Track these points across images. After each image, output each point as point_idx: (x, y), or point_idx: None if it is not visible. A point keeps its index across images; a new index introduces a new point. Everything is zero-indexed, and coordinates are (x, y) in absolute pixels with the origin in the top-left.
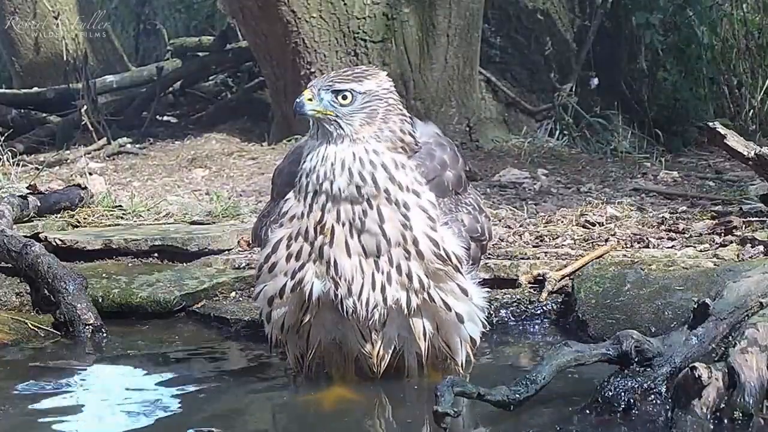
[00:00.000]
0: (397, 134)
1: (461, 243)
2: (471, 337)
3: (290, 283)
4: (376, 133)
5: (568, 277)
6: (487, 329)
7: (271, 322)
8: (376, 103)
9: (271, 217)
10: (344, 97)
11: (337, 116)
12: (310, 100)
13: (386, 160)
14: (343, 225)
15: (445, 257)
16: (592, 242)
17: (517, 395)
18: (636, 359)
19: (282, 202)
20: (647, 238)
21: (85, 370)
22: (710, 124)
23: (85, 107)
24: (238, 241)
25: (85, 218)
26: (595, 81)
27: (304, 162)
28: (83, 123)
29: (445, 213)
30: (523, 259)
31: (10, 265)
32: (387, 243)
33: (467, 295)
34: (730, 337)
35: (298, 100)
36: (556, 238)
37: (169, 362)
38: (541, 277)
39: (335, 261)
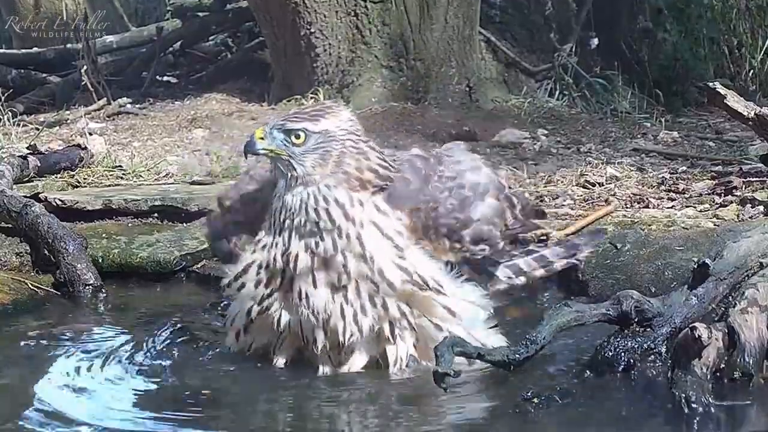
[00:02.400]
0: (353, 174)
1: (437, 264)
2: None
3: (256, 308)
4: (330, 175)
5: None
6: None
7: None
8: (331, 145)
9: (236, 235)
10: (297, 137)
11: (289, 156)
12: (262, 138)
13: (340, 196)
14: (311, 255)
15: (422, 283)
16: (591, 202)
17: (517, 355)
18: (636, 319)
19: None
20: (647, 199)
21: (85, 330)
22: (710, 84)
23: (85, 67)
24: None
25: (85, 178)
26: (595, 41)
27: (272, 201)
28: (83, 83)
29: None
30: None
31: (10, 226)
32: (348, 276)
33: (454, 316)
34: (730, 297)
35: (249, 138)
36: (556, 198)
37: (168, 322)
38: (545, 237)
39: (306, 293)
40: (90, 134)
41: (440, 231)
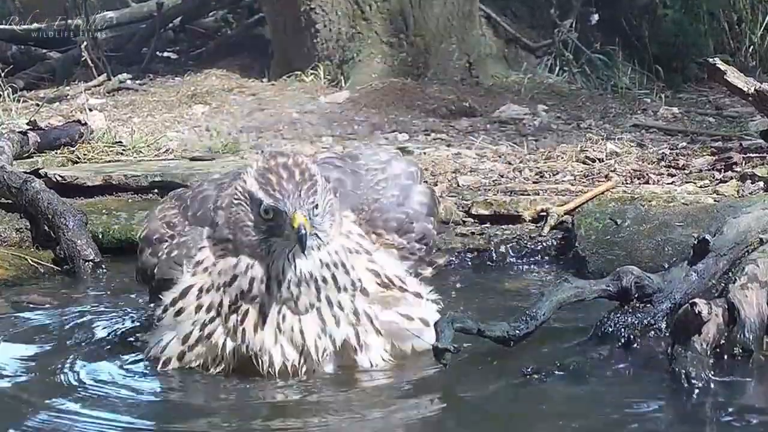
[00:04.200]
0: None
1: (403, 265)
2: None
3: (197, 333)
4: (337, 229)
5: (571, 213)
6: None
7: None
8: (328, 196)
9: (173, 253)
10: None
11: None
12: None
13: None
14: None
15: (389, 283)
16: (592, 178)
17: (517, 331)
18: (636, 295)
19: (195, 249)
20: (647, 174)
21: (85, 305)
22: (710, 60)
23: (85, 43)
24: None
25: (85, 154)
26: (596, 17)
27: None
28: (83, 59)
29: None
30: (523, 195)
31: (10, 201)
32: (319, 298)
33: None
34: (730, 273)
35: (301, 233)
36: (556, 174)
37: None
38: (544, 213)
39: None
40: (90, 110)
41: (390, 226)
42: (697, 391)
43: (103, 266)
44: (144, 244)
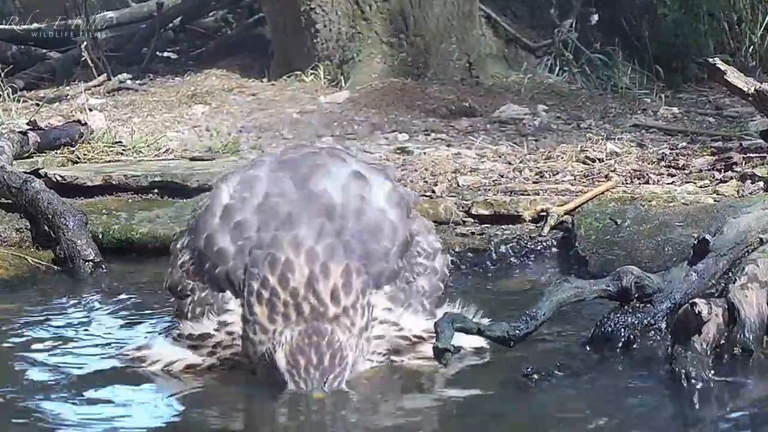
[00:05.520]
0: None
1: (425, 317)
2: None
3: (205, 364)
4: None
5: (571, 213)
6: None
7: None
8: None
9: (197, 310)
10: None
11: None
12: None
13: None
14: None
15: (417, 341)
16: (592, 178)
17: (517, 331)
18: (636, 295)
19: (221, 311)
20: (647, 174)
21: (85, 306)
22: (710, 60)
23: (85, 43)
24: None
25: (85, 154)
26: (596, 17)
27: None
28: (83, 59)
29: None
30: (523, 195)
31: (9, 202)
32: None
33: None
34: (730, 273)
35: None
36: (556, 174)
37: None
38: (545, 213)
39: None
40: (90, 110)
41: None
42: (697, 391)
43: (103, 266)
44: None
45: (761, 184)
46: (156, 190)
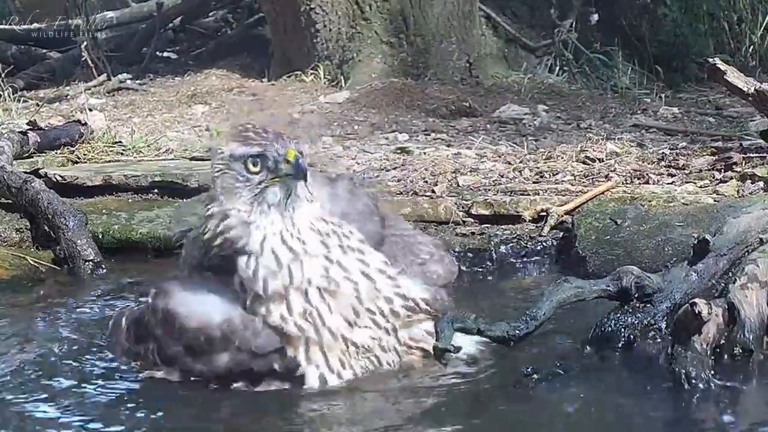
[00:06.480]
0: None
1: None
2: None
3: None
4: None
5: (571, 213)
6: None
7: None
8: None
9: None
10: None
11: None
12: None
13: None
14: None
15: (414, 306)
16: (591, 178)
17: (518, 331)
18: (636, 295)
19: None
20: (647, 174)
21: (85, 305)
22: (710, 60)
23: (85, 43)
24: None
25: (85, 154)
26: (595, 17)
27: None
28: (83, 59)
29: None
30: (523, 195)
31: (10, 202)
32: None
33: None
34: (730, 273)
35: (298, 161)
36: (556, 174)
37: None
38: (545, 213)
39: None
40: (90, 110)
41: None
42: (697, 391)
43: (103, 266)
44: None
45: (761, 184)
46: (156, 190)
